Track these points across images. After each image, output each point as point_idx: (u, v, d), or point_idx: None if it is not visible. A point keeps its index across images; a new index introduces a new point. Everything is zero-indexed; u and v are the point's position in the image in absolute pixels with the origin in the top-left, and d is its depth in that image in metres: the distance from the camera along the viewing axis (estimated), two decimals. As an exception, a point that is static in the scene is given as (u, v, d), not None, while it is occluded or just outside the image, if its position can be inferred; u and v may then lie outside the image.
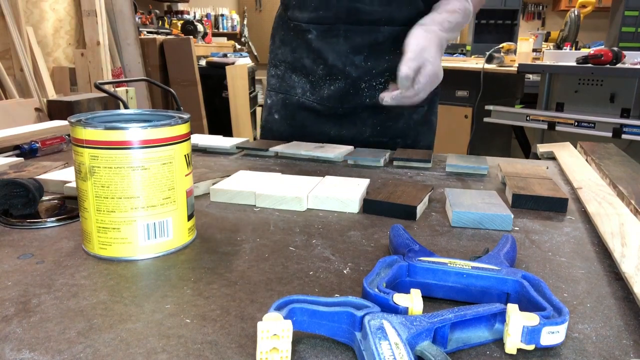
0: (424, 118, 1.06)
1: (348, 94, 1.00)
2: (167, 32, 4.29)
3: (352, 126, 1.03)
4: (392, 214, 0.61)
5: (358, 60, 0.97)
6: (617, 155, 0.89)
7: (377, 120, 1.02)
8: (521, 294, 0.38)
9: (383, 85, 0.98)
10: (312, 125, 1.05)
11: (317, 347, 0.34)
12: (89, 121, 0.48)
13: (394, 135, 1.03)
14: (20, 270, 0.45)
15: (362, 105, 1.00)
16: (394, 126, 1.03)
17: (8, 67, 2.81)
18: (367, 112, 1.01)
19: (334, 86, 1.00)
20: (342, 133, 1.03)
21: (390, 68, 0.96)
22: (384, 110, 0.99)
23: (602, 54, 2.30)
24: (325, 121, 1.04)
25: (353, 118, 1.02)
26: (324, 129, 1.04)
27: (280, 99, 1.08)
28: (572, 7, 3.76)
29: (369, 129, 1.03)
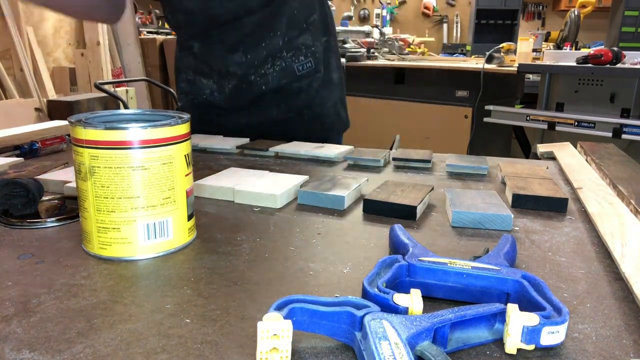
0: (323, 80, 1.07)
1: (242, 90, 1.04)
2: (167, 32, 4.29)
3: (259, 113, 1.07)
4: (392, 214, 0.61)
5: (238, 58, 1.01)
6: (617, 155, 0.89)
7: (278, 100, 1.05)
8: (521, 294, 0.38)
9: (272, 69, 1.01)
10: (224, 120, 1.08)
11: (317, 347, 0.34)
12: (89, 121, 0.48)
13: (299, 108, 1.06)
14: (20, 270, 0.45)
15: (261, 93, 1.04)
16: (295, 100, 1.06)
17: (8, 67, 2.82)
18: (267, 97, 1.05)
19: (230, 85, 1.04)
20: (252, 120, 1.07)
21: (269, 53, 1.00)
22: (282, 90, 1.03)
23: (602, 54, 2.30)
24: (234, 113, 1.08)
25: (257, 105, 1.06)
26: (233, 120, 1.08)
27: (190, 99, 1.12)
28: (572, 7, 3.76)
29: (274, 109, 1.06)
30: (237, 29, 0.99)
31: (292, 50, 1.01)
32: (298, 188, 0.66)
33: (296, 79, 1.03)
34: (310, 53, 1.03)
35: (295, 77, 1.03)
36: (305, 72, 1.03)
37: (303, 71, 1.03)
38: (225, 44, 0.96)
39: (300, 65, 1.02)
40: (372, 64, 3.44)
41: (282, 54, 1.01)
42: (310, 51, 1.03)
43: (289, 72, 1.02)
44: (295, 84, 1.03)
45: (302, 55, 1.02)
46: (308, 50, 1.03)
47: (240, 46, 0.99)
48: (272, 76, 1.02)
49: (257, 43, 0.99)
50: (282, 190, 0.64)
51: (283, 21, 1.00)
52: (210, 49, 1.02)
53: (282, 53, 1.01)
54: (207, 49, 1.03)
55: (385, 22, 5.78)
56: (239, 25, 0.99)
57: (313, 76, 1.04)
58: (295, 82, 1.03)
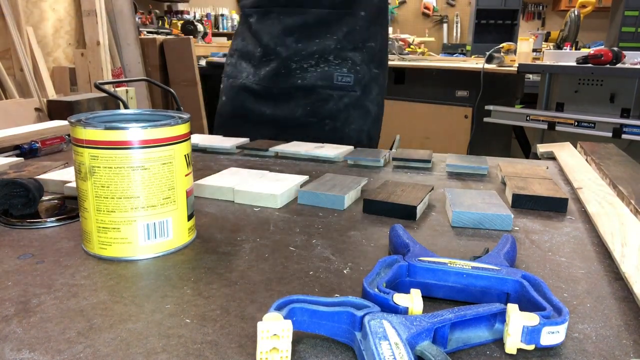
0: (357, 103, 1.10)
1: (280, 74, 1.06)
2: (167, 32, 4.29)
3: (285, 106, 1.09)
4: (392, 214, 0.61)
5: (289, 41, 1.04)
6: (617, 155, 0.89)
7: (307, 101, 1.08)
8: (521, 294, 0.38)
9: (314, 68, 1.05)
10: (250, 105, 1.11)
11: (317, 347, 0.34)
12: (89, 121, 0.48)
13: (323, 116, 1.08)
14: (20, 270, 0.45)
15: (294, 85, 1.07)
16: (322, 107, 1.08)
17: (8, 67, 2.81)
18: (299, 93, 1.07)
19: (268, 67, 1.07)
20: (276, 112, 1.09)
21: (319, 51, 1.04)
22: (314, 92, 1.06)
23: (602, 54, 2.30)
24: (263, 101, 1.10)
25: (286, 98, 1.08)
26: (260, 109, 1.10)
27: (229, 83, 1.16)
28: (572, 7, 3.76)
29: (300, 109, 1.08)
30: (299, 15, 1.02)
31: (339, 59, 1.05)
32: (298, 188, 0.66)
33: (331, 87, 1.05)
34: (354, 70, 1.06)
35: (331, 85, 1.05)
36: (342, 84, 1.06)
37: (340, 82, 1.05)
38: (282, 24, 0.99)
39: (340, 75, 1.05)
40: (372, 64, 3.43)
41: (329, 58, 1.04)
42: (354, 69, 1.06)
43: (327, 77, 1.05)
44: (329, 91, 1.05)
45: (346, 68, 1.05)
46: (353, 67, 1.06)
47: (296, 31, 1.02)
48: (312, 74, 1.04)
49: (312, 36, 1.02)
50: (282, 190, 0.64)
51: (343, 29, 1.04)
52: (267, 23, 1.04)
53: (330, 57, 1.04)
54: (264, 22, 1.05)
55: (385, 22, 5.77)
56: (303, 12, 1.02)
57: (347, 92, 1.07)
58: (329, 89, 1.05)
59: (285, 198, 0.65)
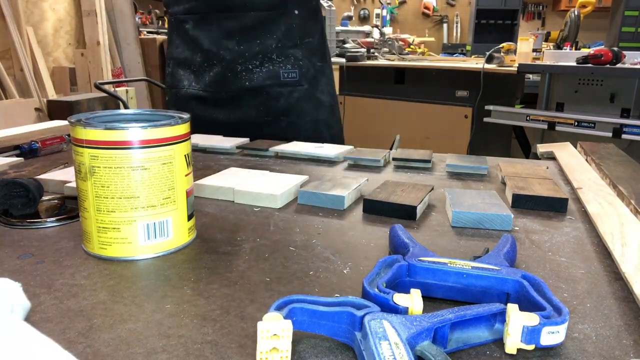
0: (308, 95, 1.14)
1: (226, 78, 1.08)
2: (167, 32, 4.28)
3: (237, 110, 1.11)
4: (392, 214, 0.61)
5: (231, 45, 1.06)
6: (617, 155, 0.89)
7: (259, 101, 1.10)
8: (521, 294, 0.38)
9: (259, 68, 1.08)
10: (201, 113, 1.12)
11: (317, 347, 0.34)
12: (89, 121, 0.48)
13: (278, 113, 1.12)
14: (20, 270, 0.45)
15: (243, 88, 1.09)
16: (275, 105, 1.11)
17: (8, 67, 2.82)
18: (249, 95, 1.10)
19: (212, 72, 1.09)
20: (230, 117, 1.11)
21: (261, 51, 1.07)
22: (264, 91, 1.09)
23: (602, 54, 2.30)
24: (213, 108, 1.11)
25: (237, 102, 1.10)
26: (212, 116, 1.11)
27: (173, 93, 1.16)
28: (572, 7, 3.75)
29: (253, 110, 1.11)
30: (238, 19, 1.05)
31: (282, 56, 1.09)
32: (298, 188, 0.66)
33: (279, 84, 1.09)
34: (297, 65, 1.11)
35: (279, 82, 1.09)
36: (289, 80, 1.10)
37: (287, 78, 1.10)
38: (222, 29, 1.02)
39: (286, 72, 1.09)
40: (372, 64, 3.44)
41: (272, 56, 1.08)
42: (298, 64, 1.11)
43: (274, 75, 1.09)
44: (277, 89, 1.10)
45: (290, 64, 1.10)
46: (296, 62, 1.11)
47: (236, 35, 1.05)
48: (258, 75, 1.08)
49: (252, 38, 1.05)
50: (282, 190, 0.64)
51: (281, 28, 1.08)
52: (205, 28, 1.06)
53: (273, 55, 1.08)
54: (202, 28, 1.07)
55: (385, 22, 5.77)
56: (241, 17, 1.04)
57: (295, 87, 1.11)
58: (278, 86, 1.09)
59: (285, 198, 0.65)
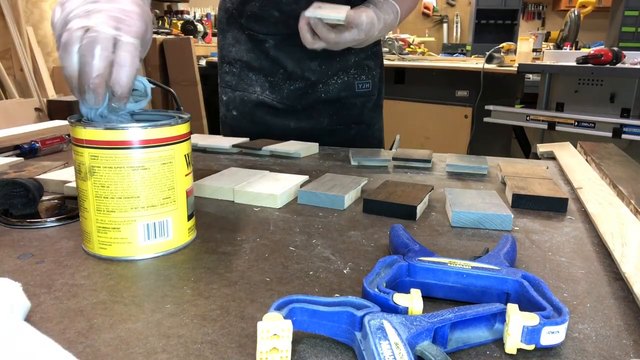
0: (375, 104, 1.15)
1: (306, 94, 1.08)
2: (167, 32, 4.29)
3: (310, 118, 1.11)
4: (392, 214, 0.61)
5: (314, 66, 1.06)
6: (617, 155, 0.89)
7: (332, 110, 1.10)
8: (521, 294, 0.38)
9: (338, 85, 1.08)
10: (271, 120, 1.11)
11: (317, 347, 0.34)
12: (89, 121, 0.48)
13: (349, 122, 1.12)
14: (20, 270, 0.45)
15: (319, 100, 1.09)
16: (348, 114, 1.11)
17: (8, 67, 2.82)
18: (324, 105, 1.10)
19: (293, 87, 1.08)
20: (302, 125, 1.11)
21: (341, 68, 1.08)
22: (338, 102, 1.09)
23: (602, 54, 2.30)
24: (285, 116, 1.10)
25: (310, 111, 1.10)
26: (284, 123, 1.11)
27: (237, 96, 1.12)
28: (572, 7, 3.76)
29: (326, 119, 1.11)
30: None
31: (358, 68, 1.09)
32: (298, 188, 0.66)
33: (354, 95, 1.10)
34: (371, 75, 1.12)
35: (354, 93, 1.10)
36: (363, 90, 1.11)
37: (362, 89, 1.10)
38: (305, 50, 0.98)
39: (360, 83, 1.10)
40: (372, 64, 3.43)
41: (350, 71, 1.09)
42: (371, 74, 1.12)
43: (349, 87, 1.09)
44: (352, 99, 1.10)
45: (365, 75, 1.10)
46: (370, 72, 1.11)
47: (319, 56, 1.04)
48: (334, 87, 1.08)
49: (333, 56, 1.05)
50: (282, 190, 0.64)
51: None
52: (286, 50, 1.05)
53: (351, 70, 1.09)
54: (283, 48, 1.05)
55: (385, 22, 5.76)
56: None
57: (368, 97, 1.12)
58: (353, 97, 1.10)
59: (285, 198, 0.65)
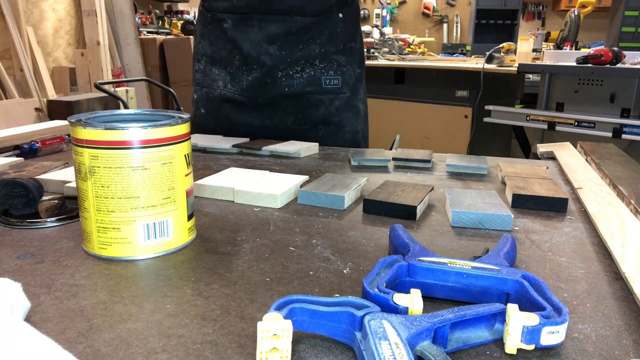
0: (347, 104, 1.08)
1: (266, 84, 1.02)
2: (167, 32, 4.29)
3: (274, 116, 1.05)
4: (392, 214, 0.61)
5: (272, 50, 0.99)
6: (617, 155, 0.89)
7: (297, 108, 1.04)
8: (521, 294, 0.38)
9: (300, 74, 1.01)
10: (236, 117, 1.07)
11: (317, 347, 0.34)
12: (89, 121, 0.48)
13: (316, 122, 1.06)
14: (20, 270, 0.45)
15: (282, 94, 1.03)
16: (314, 113, 1.05)
17: (8, 67, 2.82)
18: (288, 101, 1.04)
19: (251, 76, 1.02)
20: (265, 123, 1.05)
21: (304, 56, 1.01)
22: (304, 98, 1.03)
23: (602, 54, 2.30)
24: (249, 112, 1.06)
25: (274, 107, 1.04)
26: (247, 120, 1.06)
27: (204, 93, 1.10)
28: (572, 7, 3.76)
29: (291, 117, 1.05)
30: (281, 23, 0.98)
31: (324, 62, 1.03)
32: (298, 188, 0.66)
33: (320, 91, 1.03)
34: (340, 72, 1.04)
35: (320, 89, 1.03)
36: (330, 87, 1.04)
37: (329, 85, 1.04)
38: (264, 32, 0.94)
39: (328, 79, 1.03)
40: (372, 64, 3.44)
41: (314, 62, 1.02)
42: (341, 70, 1.04)
43: (315, 82, 1.02)
44: (318, 96, 1.03)
45: (332, 70, 1.03)
46: (339, 68, 1.04)
47: (278, 39, 0.98)
48: (299, 81, 1.01)
49: (295, 43, 0.99)
50: (282, 190, 0.64)
51: (325, 33, 1.02)
52: (245, 30, 0.99)
53: (316, 61, 1.02)
54: (242, 30, 1.00)
55: (385, 22, 5.78)
56: (285, 20, 0.98)
57: (337, 94, 1.05)
58: (319, 94, 1.03)
59: (285, 198, 0.65)
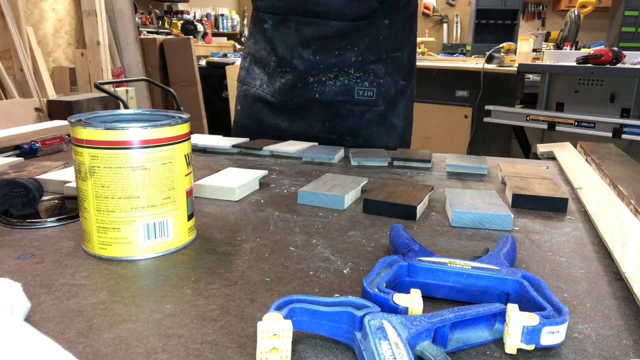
0: (381, 118, 1.01)
1: (296, 87, 0.98)
2: (167, 32, 4.29)
3: (302, 120, 1.02)
4: (392, 214, 0.61)
5: (306, 54, 0.96)
6: (617, 155, 0.89)
7: (326, 116, 1.00)
8: (521, 294, 0.38)
9: (333, 82, 0.97)
10: (265, 117, 1.05)
11: (317, 347, 0.34)
12: (89, 121, 0.48)
13: (343, 132, 1.01)
14: (20, 270, 0.45)
15: (312, 100, 0.99)
16: (343, 123, 1.01)
17: (8, 67, 2.81)
18: (317, 107, 1.00)
19: (284, 79, 0.99)
20: (293, 127, 1.03)
21: (338, 64, 0.95)
22: (334, 107, 0.98)
23: (602, 54, 2.30)
24: (278, 114, 1.04)
25: (303, 112, 1.01)
26: (276, 122, 1.04)
27: (243, 90, 1.09)
28: (572, 7, 3.76)
29: (318, 124, 1.02)
30: (318, 26, 0.93)
31: (360, 72, 0.96)
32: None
33: (351, 102, 0.98)
34: (377, 83, 0.97)
35: (352, 99, 0.98)
36: (363, 98, 0.98)
37: (362, 97, 0.98)
38: (299, 34, 0.90)
39: (361, 89, 0.97)
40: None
41: (349, 71, 0.96)
42: (377, 81, 0.97)
43: (347, 91, 0.97)
44: (349, 106, 0.98)
45: (368, 81, 0.97)
46: (376, 79, 0.97)
47: (313, 44, 0.94)
48: (330, 88, 0.96)
49: (330, 48, 0.94)
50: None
51: (365, 40, 0.95)
52: (282, 31, 0.96)
53: (350, 70, 0.96)
54: (279, 29, 0.96)
55: (385, 22, 5.77)
56: (321, 24, 0.93)
57: (369, 107, 0.99)
58: (350, 104, 0.98)
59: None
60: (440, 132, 3.21)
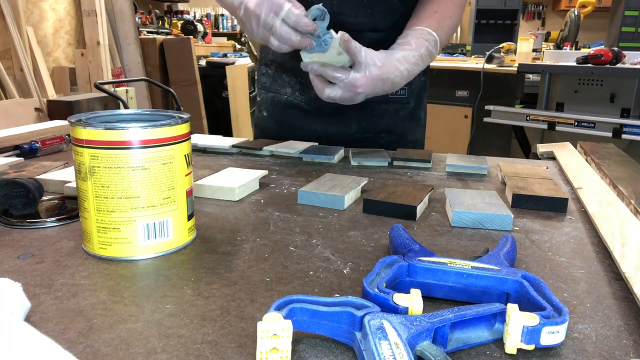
0: (411, 114, 1.08)
1: None
2: (167, 32, 4.29)
3: (338, 123, 1.05)
4: (392, 214, 0.61)
5: None
6: (617, 155, 0.89)
7: (362, 116, 1.04)
8: (521, 294, 0.38)
9: None
10: (299, 123, 1.07)
11: (317, 347, 0.34)
12: (89, 121, 0.48)
13: (379, 130, 1.06)
14: (20, 270, 0.45)
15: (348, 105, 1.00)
16: (379, 122, 1.05)
17: (8, 67, 2.81)
18: (353, 109, 1.02)
19: None
20: (329, 130, 1.06)
21: None
22: (369, 107, 1.02)
23: (602, 54, 2.30)
24: (313, 119, 1.06)
25: (339, 115, 1.04)
26: (311, 127, 1.06)
27: (269, 97, 1.10)
28: (572, 7, 3.76)
29: (354, 125, 1.05)
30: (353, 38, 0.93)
31: None
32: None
33: (386, 101, 1.03)
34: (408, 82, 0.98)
35: (387, 99, 1.03)
36: (397, 97, 1.03)
37: (395, 96, 1.03)
38: None
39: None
40: (372, 64, 3.43)
41: None
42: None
43: None
44: (384, 106, 1.03)
45: None
46: None
47: None
48: None
49: None
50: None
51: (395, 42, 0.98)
52: None
53: None
54: None
55: (385, 22, 5.77)
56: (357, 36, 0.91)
57: (402, 105, 1.05)
58: (385, 103, 1.03)
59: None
60: (440, 132, 3.21)
